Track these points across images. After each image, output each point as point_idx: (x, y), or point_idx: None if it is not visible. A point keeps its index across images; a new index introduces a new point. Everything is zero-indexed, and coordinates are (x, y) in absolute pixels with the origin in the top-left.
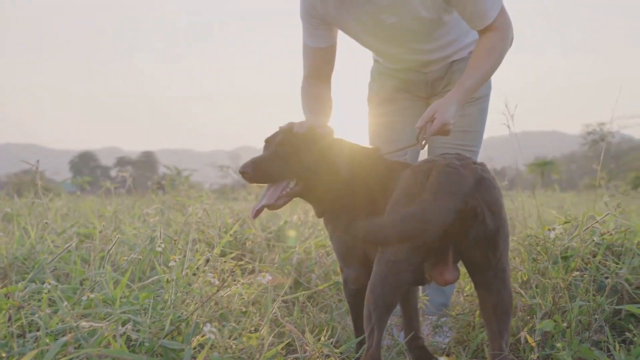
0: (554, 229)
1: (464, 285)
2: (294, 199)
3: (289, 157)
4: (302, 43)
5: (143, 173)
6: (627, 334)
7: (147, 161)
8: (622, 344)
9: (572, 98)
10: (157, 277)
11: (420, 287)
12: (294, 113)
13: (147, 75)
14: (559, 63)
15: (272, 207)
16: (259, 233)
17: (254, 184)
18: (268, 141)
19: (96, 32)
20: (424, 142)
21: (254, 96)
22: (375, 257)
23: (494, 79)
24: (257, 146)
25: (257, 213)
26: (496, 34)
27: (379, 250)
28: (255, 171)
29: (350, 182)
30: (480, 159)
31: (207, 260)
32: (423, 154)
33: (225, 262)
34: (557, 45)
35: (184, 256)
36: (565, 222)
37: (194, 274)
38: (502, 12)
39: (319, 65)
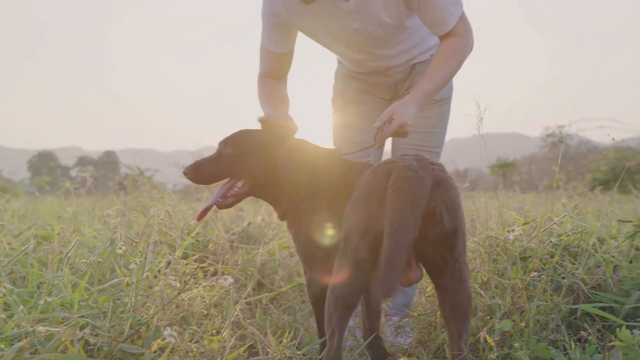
0: (513, 230)
1: (426, 286)
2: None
3: (232, 158)
4: (261, 44)
5: (104, 173)
6: (583, 332)
7: (108, 161)
8: (578, 343)
9: (533, 101)
10: (117, 280)
11: None
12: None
13: (110, 73)
14: (521, 67)
15: (220, 206)
16: (222, 234)
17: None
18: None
19: (56, 27)
20: (381, 142)
21: (219, 95)
22: None
23: (462, 81)
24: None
25: (201, 215)
26: (456, 40)
27: (340, 250)
28: (194, 172)
29: (310, 183)
30: (442, 160)
31: (169, 263)
32: (387, 155)
33: (187, 264)
34: (518, 50)
35: (145, 258)
36: (525, 224)
37: (155, 277)
38: (463, 19)
39: (276, 67)
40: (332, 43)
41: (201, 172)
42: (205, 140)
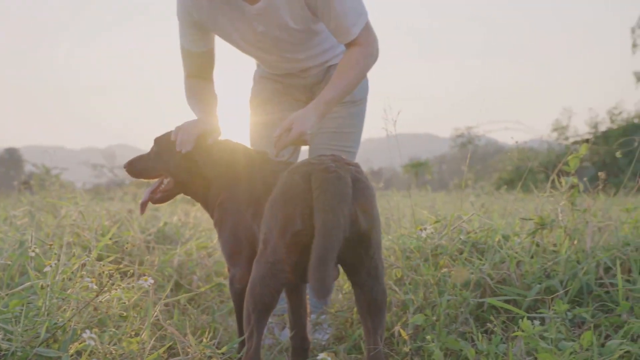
0: (425, 229)
1: (343, 283)
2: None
3: (155, 156)
4: (180, 44)
5: (6, 172)
6: (489, 324)
7: (10, 159)
8: (485, 334)
9: (444, 103)
10: (29, 283)
11: (307, 288)
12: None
13: (8, 65)
14: (430, 70)
15: (152, 201)
16: (137, 235)
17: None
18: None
19: None
20: (278, 151)
21: (131, 91)
22: None
23: (376, 81)
24: (133, 144)
25: (142, 208)
26: (360, 50)
27: (259, 250)
28: (129, 167)
29: (231, 182)
30: (358, 159)
31: (83, 265)
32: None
33: (103, 265)
34: (426, 53)
35: (58, 261)
36: (436, 222)
37: (69, 279)
38: (367, 28)
39: (199, 67)
40: (243, 44)
41: (134, 167)
42: (117, 138)
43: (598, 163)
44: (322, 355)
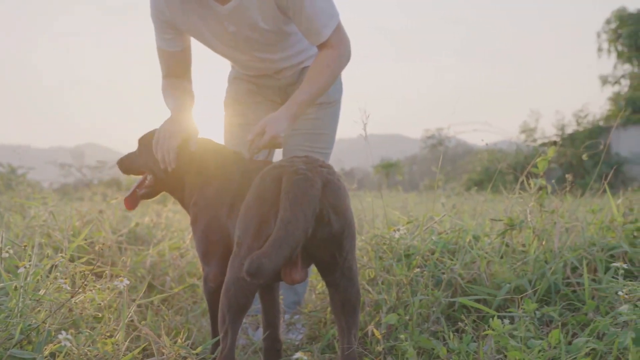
0: (399, 230)
1: (316, 283)
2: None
3: (138, 153)
4: (156, 45)
5: None
6: (460, 323)
7: None
8: (456, 333)
9: (415, 104)
10: (1, 285)
11: (281, 288)
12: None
13: None
14: (403, 71)
15: (139, 196)
16: (109, 236)
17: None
18: None
19: None
20: (252, 154)
21: (101, 90)
22: None
23: (349, 82)
24: (103, 143)
25: (126, 203)
26: (331, 52)
27: (233, 252)
28: (119, 163)
29: (205, 181)
30: (331, 160)
31: (55, 266)
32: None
33: (76, 267)
34: (400, 54)
35: (31, 262)
36: (408, 223)
37: (40, 281)
38: (338, 30)
39: (175, 66)
40: (215, 44)
41: (123, 163)
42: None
43: (565, 164)
44: (297, 354)
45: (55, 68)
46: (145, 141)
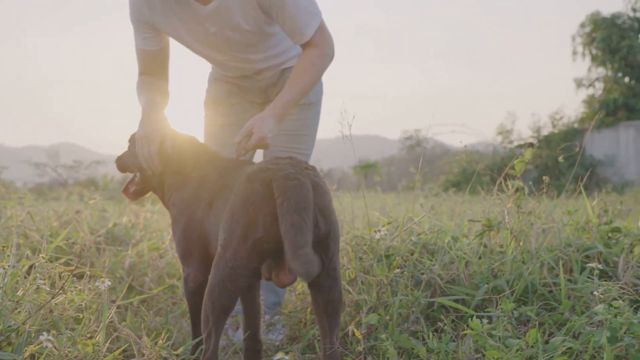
0: (379, 231)
1: (296, 284)
2: None
3: (128, 151)
4: (135, 43)
5: None
6: (439, 323)
7: None
8: (435, 333)
9: (393, 105)
10: None
11: (261, 289)
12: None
13: None
14: (385, 72)
15: (135, 193)
16: (87, 236)
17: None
18: None
19: None
20: (240, 155)
21: (78, 88)
22: (214, 255)
23: (329, 82)
24: (79, 143)
25: (126, 194)
26: (315, 51)
27: (218, 254)
28: (116, 161)
29: (183, 182)
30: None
31: (32, 267)
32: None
33: (55, 267)
34: (375, 55)
35: (9, 263)
36: (388, 223)
37: (19, 282)
38: (322, 29)
39: (152, 65)
40: (195, 45)
41: (118, 162)
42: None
43: (540, 166)
44: (279, 355)
45: (30, 66)
46: (133, 141)
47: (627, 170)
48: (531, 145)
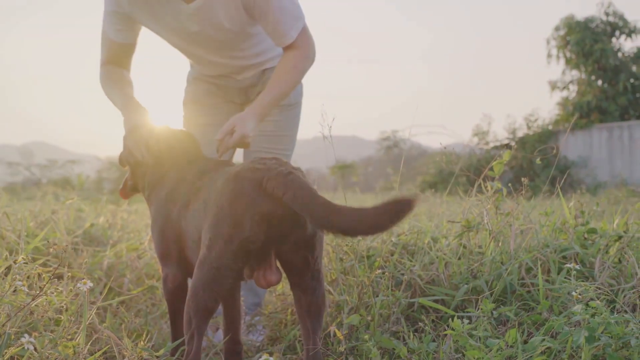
0: None
1: (277, 285)
2: None
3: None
4: (102, 31)
5: None
6: (420, 323)
7: None
8: (416, 333)
9: (372, 106)
10: None
11: (241, 290)
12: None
13: None
14: (365, 73)
15: (131, 188)
16: (64, 237)
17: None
18: None
19: None
20: (222, 154)
21: (51, 87)
22: (190, 255)
23: (309, 83)
24: (52, 142)
25: (124, 195)
26: (297, 53)
27: (202, 255)
28: (119, 157)
29: (160, 182)
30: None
31: (9, 268)
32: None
33: (33, 268)
34: (353, 57)
35: None
36: None
37: None
38: (304, 32)
39: (119, 56)
40: (176, 41)
41: (120, 157)
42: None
43: (516, 167)
44: (264, 356)
45: (0, 64)
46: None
47: (600, 171)
48: (508, 146)
